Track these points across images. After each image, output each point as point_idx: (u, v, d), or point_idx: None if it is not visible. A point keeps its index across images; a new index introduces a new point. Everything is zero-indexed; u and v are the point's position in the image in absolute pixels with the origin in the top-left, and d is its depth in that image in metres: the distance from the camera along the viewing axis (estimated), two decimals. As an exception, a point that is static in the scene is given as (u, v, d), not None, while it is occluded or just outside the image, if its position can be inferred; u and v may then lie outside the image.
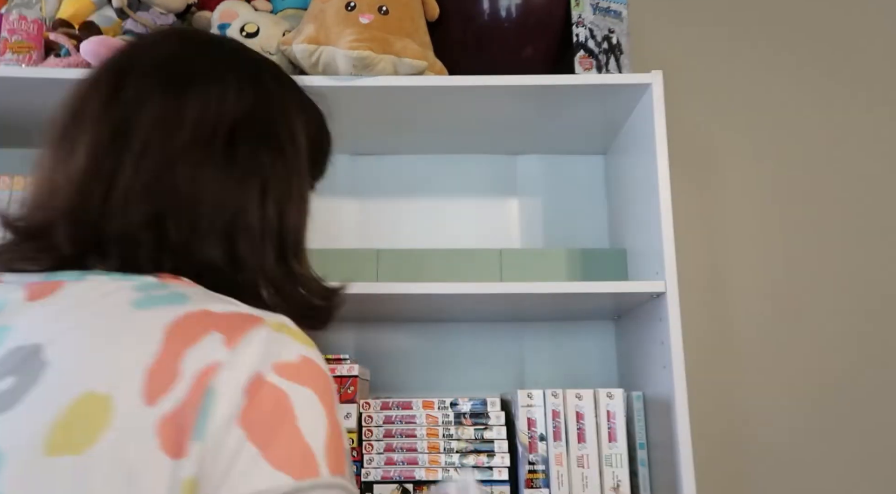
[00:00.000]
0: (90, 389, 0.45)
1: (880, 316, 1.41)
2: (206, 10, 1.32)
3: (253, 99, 0.61)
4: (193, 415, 0.44)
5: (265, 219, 0.60)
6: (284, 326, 0.51)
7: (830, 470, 1.34)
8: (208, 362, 0.46)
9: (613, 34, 1.20)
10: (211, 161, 0.58)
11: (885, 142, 1.49)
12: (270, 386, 0.46)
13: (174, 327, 0.48)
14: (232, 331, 0.48)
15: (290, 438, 0.45)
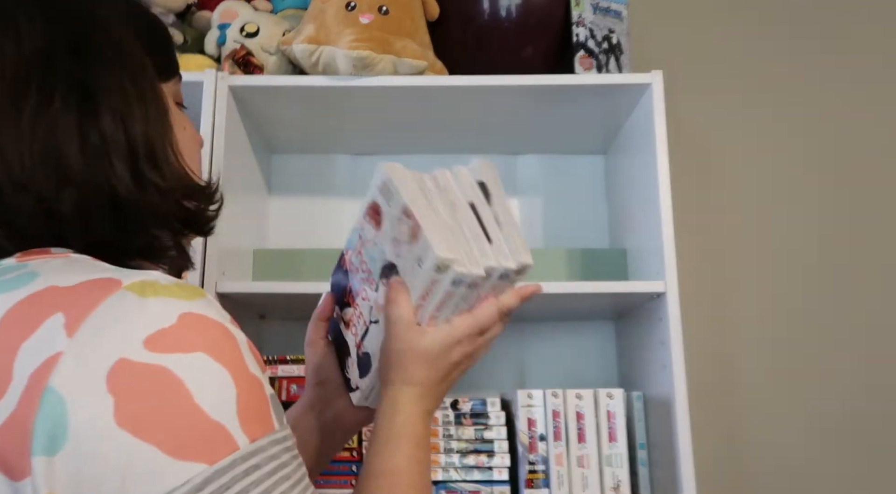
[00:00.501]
0: None
1: (881, 312, 1.40)
2: (206, 9, 1.32)
3: (52, 23, 0.51)
4: (29, 426, 0.36)
5: (105, 138, 0.49)
6: (149, 284, 0.42)
7: (830, 470, 1.34)
8: (45, 356, 0.37)
9: (613, 34, 1.20)
10: (41, 109, 0.48)
11: (887, 141, 1.49)
12: (144, 367, 0.38)
13: (8, 319, 0.39)
14: (78, 309, 0.39)
15: (190, 420, 0.38)
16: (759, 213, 1.45)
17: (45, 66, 0.50)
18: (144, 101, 0.53)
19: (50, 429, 0.36)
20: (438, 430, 1.12)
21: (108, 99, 0.50)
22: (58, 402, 0.36)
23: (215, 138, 1.10)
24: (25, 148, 0.47)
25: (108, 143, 0.49)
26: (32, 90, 0.48)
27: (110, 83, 0.51)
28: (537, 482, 1.09)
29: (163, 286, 0.42)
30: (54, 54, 0.50)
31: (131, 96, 0.52)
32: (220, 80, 1.12)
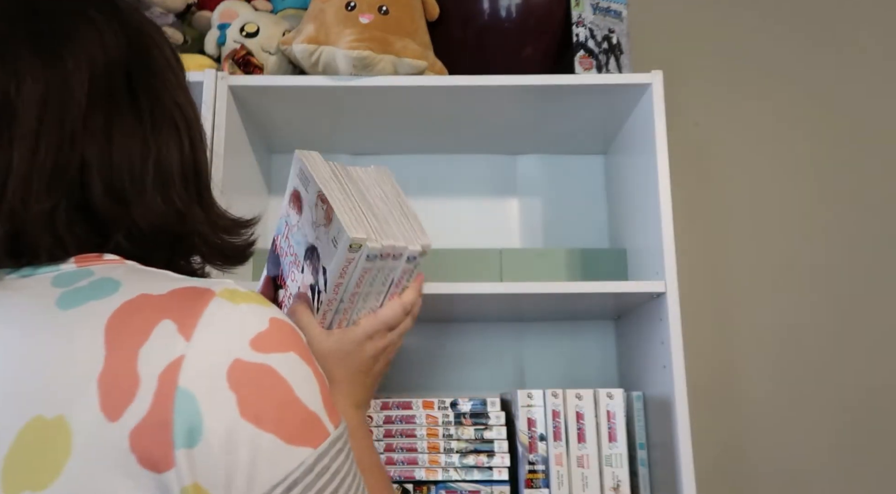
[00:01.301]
0: (37, 414, 0.40)
1: (882, 312, 1.40)
2: (206, 9, 1.32)
3: (125, 31, 0.54)
4: (169, 422, 0.40)
5: (184, 163, 0.54)
6: (237, 293, 0.46)
7: (831, 470, 1.34)
8: (168, 359, 0.41)
9: (613, 34, 1.20)
10: (119, 119, 0.51)
11: (888, 141, 1.49)
12: (254, 366, 0.43)
13: (114, 323, 0.42)
14: (184, 316, 0.43)
15: (295, 411, 0.44)
16: (759, 213, 1.45)
17: (127, 76, 0.52)
18: (201, 125, 0.58)
19: (187, 424, 0.40)
20: (438, 430, 1.12)
21: (181, 122, 0.55)
22: (191, 400, 0.41)
23: (215, 138, 1.10)
24: (111, 158, 0.50)
25: (186, 170, 0.54)
26: (118, 99, 0.51)
27: (181, 101, 0.56)
28: (537, 482, 1.09)
29: (244, 294, 0.47)
30: (134, 65, 0.53)
31: (191, 117, 0.56)
32: (220, 79, 1.12)
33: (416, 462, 1.11)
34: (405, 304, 0.75)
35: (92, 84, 0.50)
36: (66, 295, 0.45)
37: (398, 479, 1.10)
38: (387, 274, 0.72)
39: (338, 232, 0.67)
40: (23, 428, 0.40)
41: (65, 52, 0.50)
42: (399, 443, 1.11)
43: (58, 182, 0.48)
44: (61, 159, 0.48)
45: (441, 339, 1.36)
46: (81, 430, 0.39)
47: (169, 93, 0.55)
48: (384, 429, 1.12)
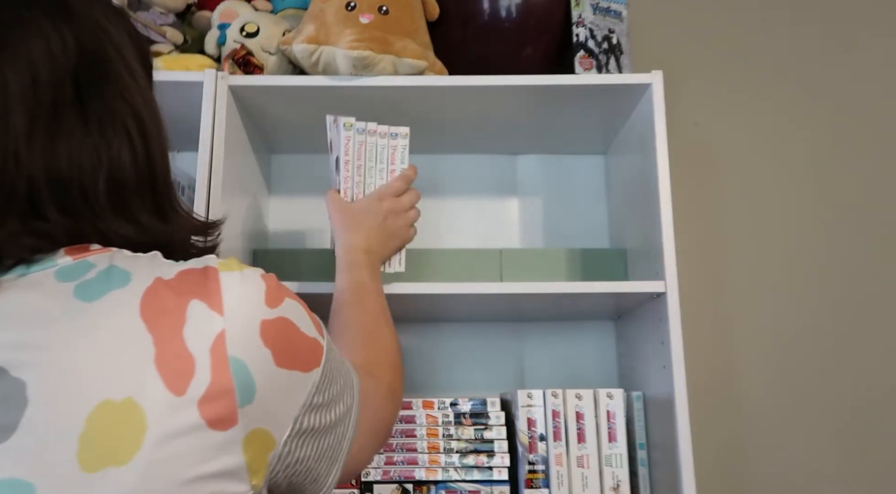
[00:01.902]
0: (104, 398, 0.44)
1: (882, 311, 1.40)
2: (206, 9, 1.32)
3: (75, 37, 0.53)
4: (231, 388, 0.47)
5: (139, 172, 0.55)
6: (233, 263, 0.53)
7: (831, 470, 1.34)
8: (213, 335, 0.48)
9: (613, 34, 1.20)
10: (66, 129, 0.51)
11: (889, 141, 1.49)
12: (274, 321, 0.51)
13: (147, 310, 0.47)
14: (208, 294, 0.49)
15: (303, 345, 0.54)
16: (759, 213, 1.45)
17: (75, 84, 0.52)
18: (161, 130, 0.58)
19: (244, 386, 0.48)
20: (438, 430, 1.12)
21: (134, 128, 0.55)
22: (242, 365, 0.48)
23: (215, 138, 1.10)
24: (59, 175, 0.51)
25: (140, 176, 0.55)
26: (64, 110, 0.51)
27: (137, 105, 0.55)
28: (537, 482, 1.09)
29: (233, 262, 0.53)
30: (84, 71, 0.53)
31: (148, 122, 0.56)
32: (220, 79, 1.12)
33: (416, 462, 1.11)
34: (403, 175, 1.00)
35: (35, 96, 0.50)
36: (82, 288, 0.48)
37: (398, 479, 1.10)
38: (380, 151, 1.01)
39: (339, 126, 1.01)
40: (92, 412, 0.43)
41: (4, 63, 0.49)
42: (399, 443, 1.11)
43: (8, 201, 0.49)
44: (6, 181, 0.48)
45: (441, 339, 1.36)
46: (152, 407, 0.44)
47: (123, 98, 0.55)
48: (384, 429, 1.12)
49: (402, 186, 0.99)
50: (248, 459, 0.48)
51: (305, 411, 0.54)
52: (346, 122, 1.01)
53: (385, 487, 1.10)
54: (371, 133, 1.01)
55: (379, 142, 1.01)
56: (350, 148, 1.00)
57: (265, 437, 0.50)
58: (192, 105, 1.12)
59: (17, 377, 0.44)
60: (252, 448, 0.49)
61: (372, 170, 1.01)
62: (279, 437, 0.51)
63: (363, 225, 0.93)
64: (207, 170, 1.08)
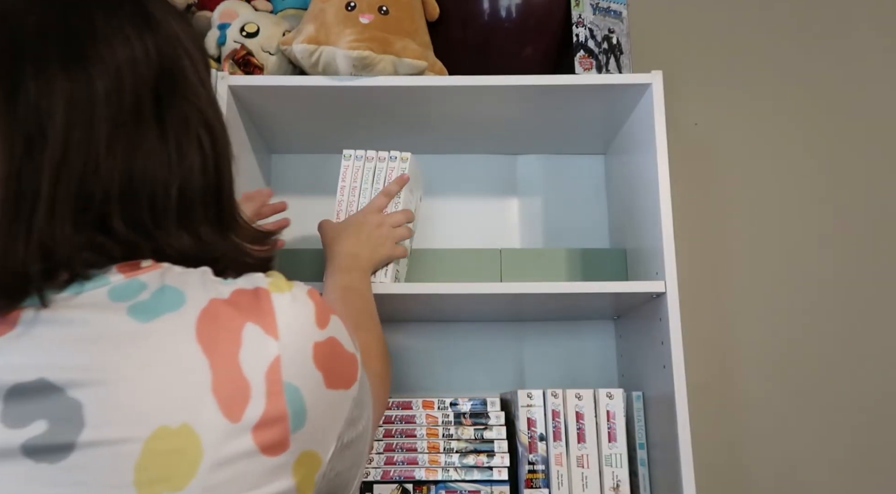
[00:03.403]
0: (161, 424, 0.44)
1: (883, 312, 1.40)
2: (206, 10, 1.32)
3: (157, 47, 0.54)
4: (285, 415, 0.48)
5: (208, 184, 0.56)
6: (277, 282, 0.53)
7: (831, 470, 1.34)
8: (268, 360, 0.48)
9: (613, 34, 1.20)
10: (145, 138, 0.52)
11: (889, 141, 1.49)
12: (324, 343, 0.52)
13: (203, 333, 0.47)
14: (262, 317, 0.49)
15: (347, 362, 0.54)
16: (759, 213, 1.45)
17: (156, 95, 0.53)
18: (228, 142, 0.60)
19: (296, 411, 0.48)
20: (438, 430, 1.12)
21: (208, 141, 0.56)
22: (295, 391, 0.48)
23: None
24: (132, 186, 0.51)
25: (208, 190, 0.56)
26: (145, 121, 0.52)
27: (209, 118, 0.57)
28: (537, 482, 1.09)
29: (281, 280, 0.54)
30: (163, 81, 0.53)
31: (218, 133, 0.58)
32: (220, 79, 1.12)
33: (416, 462, 1.11)
34: (385, 191, 1.03)
35: (120, 105, 0.50)
36: (136, 309, 0.48)
37: (398, 479, 1.10)
38: (378, 174, 1.07)
39: (345, 157, 1.09)
40: (149, 438, 0.44)
41: (94, 71, 0.50)
42: (399, 443, 1.11)
43: (83, 210, 0.49)
44: (85, 188, 0.49)
45: (441, 339, 1.36)
46: (208, 434, 0.45)
47: (197, 111, 0.56)
48: (384, 429, 1.12)
49: (384, 201, 1.03)
50: (298, 481, 0.49)
51: (346, 426, 0.54)
52: (346, 154, 1.08)
53: (385, 487, 1.10)
54: (370, 159, 1.07)
55: (378, 165, 1.07)
56: (347, 174, 1.07)
57: (314, 458, 0.51)
58: (192, 105, 1.12)
59: (74, 397, 0.44)
60: (301, 470, 0.49)
61: (367, 191, 1.06)
62: (325, 457, 0.52)
63: (351, 234, 0.97)
64: (207, 170, 1.08)
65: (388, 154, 1.07)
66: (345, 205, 1.06)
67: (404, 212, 1.04)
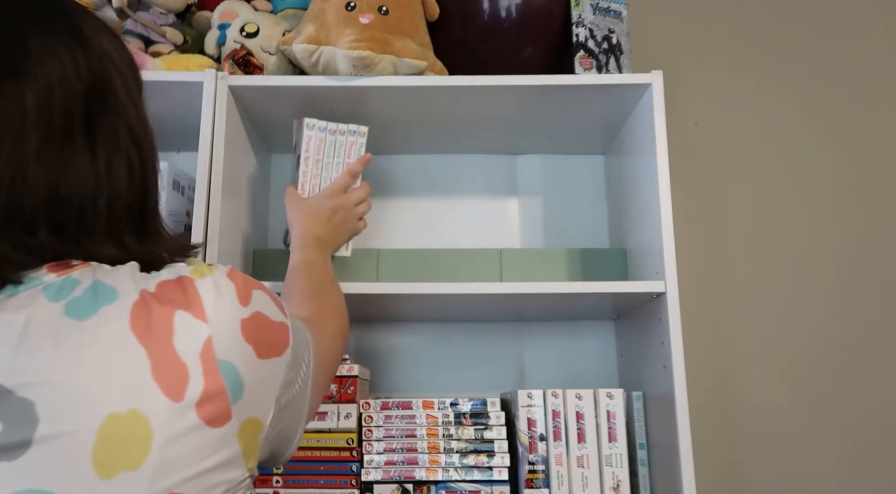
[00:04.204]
0: (110, 412, 0.48)
1: (882, 312, 1.40)
2: (206, 9, 1.32)
3: (88, 64, 0.56)
4: (224, 389, 0.51)
5: (133, 196, 0.58)
6: (197, 269, 0.56)
7: (830, 470, 1.34)
8: (200, 342, 0.51)
9: (613, 34, 1.20)
10: (74, 152, 0.54)
11: (888, 141, 1.49)
12: (250, 318, 0.55)
13: (138, 326, 0.50)
14: (189, 304, 0.52)
15: (276, 331, 0.58)
16: (759, 213, 1.45)
17: (85, 111, 0.55)
18: (156, 156, 0.62)
19: (233, 384, 0.52)
20: (438, 430, 1.12)
21: (136, 155, 0.58)
22: (230, 367, 0.52)
23: (215, 138, 1.10)
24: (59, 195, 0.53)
25: (133, 202, 0.58)
26: (74, 135, 0.54)
27: (138, 133, 0.59)
28: (537, 482, 1.09)
29: (200, 266, 0.56)
30: (93, 97, 0.56)
31: (147, 148, 0.60)
32: (220, 79, 1.12)
33: (416, 462, 1.11)
34: (350, 170, 1.09)
35: (50, 120, 0.52)
36: (72, 307, 0.50)
37: (398, 479, 1.10)
38: (339, 147, 1.11)
39: (302, 126, 1.11)
40: (101, 425, 0.47)
41: (26, 87, 0.52)
42: (399, 443, 1.11)
43: (10, 220, 0.51)
44: (13, 198, 0.51)
45: (441, 339, 1.36)
46: (155, 415, 0.48)
47: (126, 127, 0.58)
48: (384, 429, 1.12)
49: (348, 181, 1.08)
50: (243, 446, 0.53)
51: (282, 390, 0.58)
52: (308, 122, 1.10)
53: (385, 487, 1.10)
54: (332, 131, 1.11)
55: (339, 139, 1.11)
56: (311, 145, 1.10)
57: (255, 424, 0.55)
58: (192, 105, 1.12)
59: (24, 397, 0.47)
60: (245, 436, 0.53)
61: (329, 165, 1.10)
62: (266, 421, 0.56)
63: (315, 219, 1.04)
64: (207, 170, 1.08)
65: (348, 127, 1.11)
66: (309, 178, 1.10)
67: (364, 189, 1.10)
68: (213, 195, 1.07)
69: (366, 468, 1.11)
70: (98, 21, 0.60)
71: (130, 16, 1.25)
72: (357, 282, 1.09)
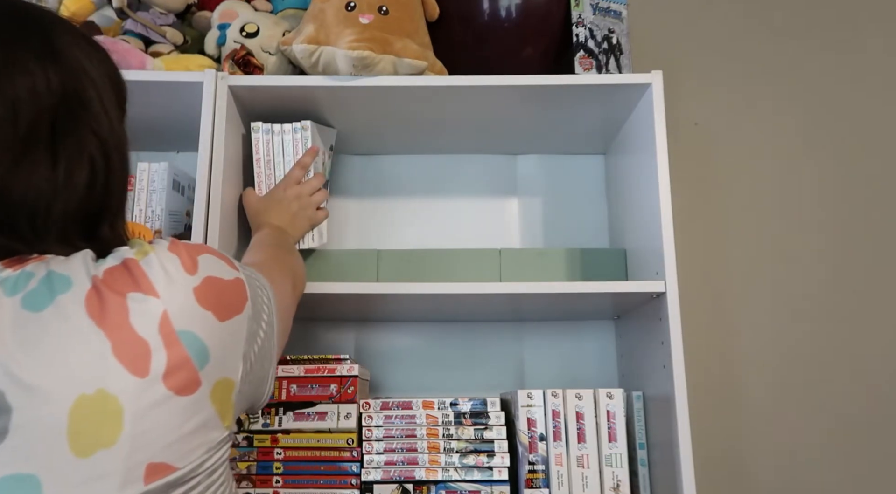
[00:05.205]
0: (79, 393, 0.49)
1: (882, 312, 1.40)
2: (206, 9, 1.32)
3: (60, 78, 0.58)
4: (188, 358, 0.52)
5: (92, 203, 0.60)
6: (140, 249, 0.56)
7: (831, 470, 1.34)
8: (157, 318, 0.52)
9: (613, 34, 1.20)
10: (32, 160, 0.56)
11: (889, 140, 1.49)
12: (203, 285, 0.56)
13: (93, 310, 0.51)
14: (138, 284, 0.53)
15: (232, 291, 0.58)
16: (759, 213, 1.45)
17: (52, 121, 0.57)
18: (127, 164, 0.65)
19: (197, 351, 0.53)
20: (438, 430, 1.12)
21: (105, 165, 0.60)
22: (191, 335, 0.53)
23: (215, 138, 1.10)
24: (11, 196, 0.55)
25: (86, 206, 0.60)
26: (37, 142, 0.56)
27: (107, 141, 0.61)
28: (537, 482, 1.09)
29: (142, 246, 0.57)
30: (63, 110, 0.58)
31: (119, 162, 0.62)
32: (220, 80, 1.12)
33: (416, 462, 1.11)
34: (300, 162, 1.14)
35: (13, 130, 0.55)
36: (28, 299, 0.51)
37: (398, 479, 1.10)
38: (286, 146, 1.16)
39: (250, 130, 1.16)
40: (72, 408, 0.48)
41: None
42: (399, 443, 1.11)
43: None
44: None
45: (441, 339, 1.36)
46: (123, 392, 0.50)
47: (94, 133, 0.60)
48: (384, 429, 1.12)
49: (299, 173, 1.13)
50: (217, 408, 0.55)
51: (248, 344, 0.59)
52: (253, 126, 1.16)
53: (385, 487, 1.10)
54: (276, 133, 1.17)
55: (284, 137, 1.17)
56: (259, 147, 1.16)
57: (226, 383, 0.56)
58: (192, 105, 1.12)
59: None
60: (218, 397, 0.55)
61: (280, 164, 1.16)
62: (237, 377, 0.57)
63: (273, 210, 1.09)
64: (207, 170, 1.08)
65: (291, 125, 1.17)
66: (264, 178, 1.16)
67: (317, 178, 1.15)
68: (213, 195, 1.07)
69: (366, 468, 1.11)
70: (76, 32, 0.62)
71: (130, 16, 1.25)
72: (357, 282, 1.09)
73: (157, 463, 0.51)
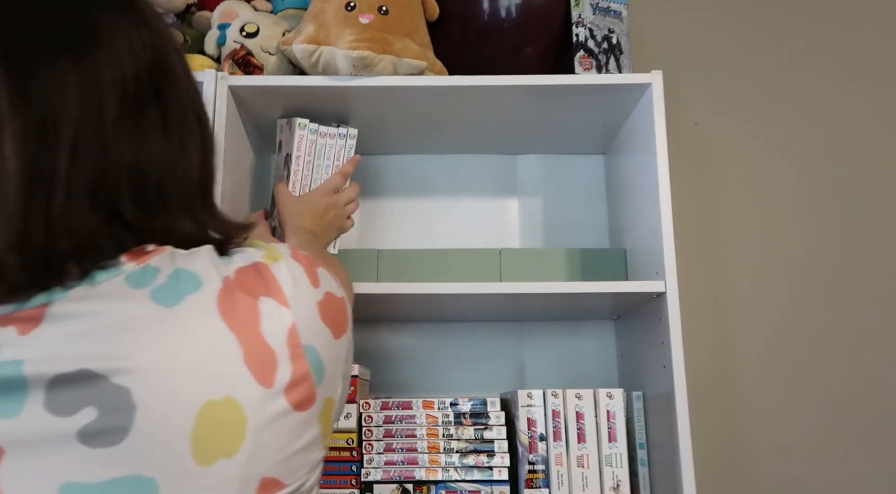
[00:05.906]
0: (207, 399, 0.48)
1: (881, 312, 1.40)
2: (206, 9, 1.32)
3: (151, 40, 0.56)
4: (309, 373, 0.52)
5: (204, 172, 0.59)
6: (269, 253, 0.56)
7: (831, 470, 1.34)
8: (286, 328, 0.52)
9: (613, 34, 1.20)
10: (148, 125, 0.54)
11: (888, 140, 1.49)
12: (324, 300, 0.56)
13: (226, 312, 0.51)
14: (270, 290, 0.53)
15: (343, 308, 0.59)
16: (758, 213, 1.45)
17: (153, 86, 0.55)
18: (212, 132, 0.63)
19: (316, 367, 0.53)
20: (438, 430, 1.12)
21: (195, 132, 0.58)
22: (313, 350, 0.53)
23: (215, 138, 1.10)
24: (138, 168, 0.53)
25: (200, 174, 0.59)
26: (147, 108, 0.54)
27: (199, 111, 0.60)
28: (537, 482, 1.09)
29: (271, 250, 0.57)
30: (157, 74, 0.56)
31: (207, 126, 0.61)
32: (220, 79, 1.12)
33: (416, 462, 1.11)
34: (341, 171, 1.14)
35: (125, 92, 0.53)
36: (158, 294, 0.50)
37: (398, 479, 1.10)
38: (328, 150, 1.16)
39: (293, 126, 1.15)
40: (199, 412, 0.48)
41: (101, 61, 0.52)
42: (399, 443, 1.11)
43: (95, 191, 0.50)
44: (97, 170, 0.50)
45: (441, 339, 1.36)
46: (248, 402, 0.49)
47: (190, 102, 0.58)
48: (384, 429, 1.12)
49: (339, 182, 1.13)
50: (322, 427, 0.55)
51: (346, 364, 0.59)
52: (300, 123, 1.14)
53: (385, 487, 1.10)
54: (322, 134, 1.15)
55: (328, 142, 1.16)
56: (303, 145, 1.14)
57: (331, 403, 0.56)
58: (192, 105, 1.12)
59: (120, 384, 0.47)
60: (324, 417, 0.55)
61: (319, 166, 1.15)
62: (336, 397, 0.57)
63: (308, 215, 1.07)
64: (207, 170, 1.08)
65: (338, 130, 1.16)
66: (300, 176, 1.14)
67: (353, 188, 1.15)
68: (213, 195, 1.07)
69: (366, 468, 1.11)
70: (154, 7, 0.61)
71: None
72: (357, 282, 1.09)
73: (270, 479, 0.50)
